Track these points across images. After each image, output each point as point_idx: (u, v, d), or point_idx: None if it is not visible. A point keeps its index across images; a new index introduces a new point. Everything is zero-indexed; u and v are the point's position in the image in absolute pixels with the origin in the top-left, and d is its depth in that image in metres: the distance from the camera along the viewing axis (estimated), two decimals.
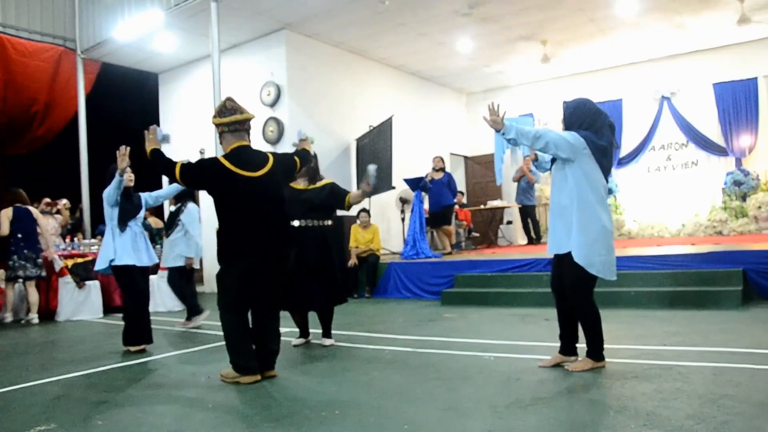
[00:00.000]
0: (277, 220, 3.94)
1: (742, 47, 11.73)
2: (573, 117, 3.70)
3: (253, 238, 3.83)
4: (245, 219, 3.83)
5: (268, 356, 3.94)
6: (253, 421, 2.99)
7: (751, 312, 5.50)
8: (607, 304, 6.28)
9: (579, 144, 3.54)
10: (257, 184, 3.84)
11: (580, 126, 3.64)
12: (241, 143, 3.96)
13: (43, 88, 10.57)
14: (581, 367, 3.62)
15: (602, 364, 3.64)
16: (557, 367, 3.75)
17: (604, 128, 3.63)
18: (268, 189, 3.90)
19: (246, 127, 4.02)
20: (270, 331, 3.98)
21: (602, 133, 3.63)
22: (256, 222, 3.83)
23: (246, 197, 3.83)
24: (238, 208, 3.84)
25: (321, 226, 4.93)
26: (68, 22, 10.89)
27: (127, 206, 5.19)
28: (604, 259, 3.54)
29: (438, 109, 13.67)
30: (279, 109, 10.04)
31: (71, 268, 8.03)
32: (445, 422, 2.83)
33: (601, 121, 3.64)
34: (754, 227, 11.11)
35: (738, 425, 2.53)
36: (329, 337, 5.08)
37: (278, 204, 3.96)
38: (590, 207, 3.54)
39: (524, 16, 9.89)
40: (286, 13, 9.38)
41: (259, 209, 3.84)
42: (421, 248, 9.23)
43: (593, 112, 3.67)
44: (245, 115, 3.99)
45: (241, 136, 3.98)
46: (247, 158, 3.91)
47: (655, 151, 12.79)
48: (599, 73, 13.19)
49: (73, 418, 3.18)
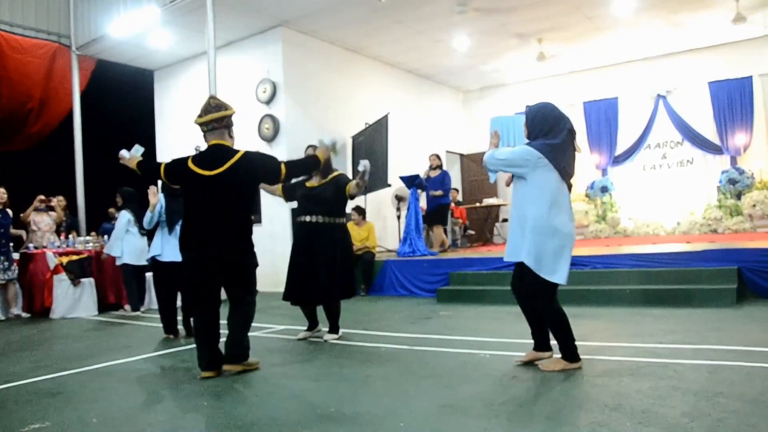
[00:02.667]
0: (228, 217, 3.92)
1: (738, 46, 11.77)
2: (534, 122, 3.71)
3: (200, 234, 3.93)
4: (195, 215, 3.97)
5: (227, 350, 3.96)
6: (247, 419, 2.98)
7: (746, 310, 5.52)
8: (602, 302, 6.33)
9: (533, 157, 3.56)
10: (210, 182, 3.91)
11: (541, 131, 3.65)
12: (215, 141, 4.02)
13: (37, 85, 10.51)
14: (552, 367, 3.59)
15: (578, 365, 3.59)
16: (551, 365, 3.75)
17: (562, 133, 3.63)
18: (222, 187, 3.91)
19: (224, 125, 4.03)
20: (229, 326, 4.00)
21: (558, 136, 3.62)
22: (204, 218, 3.92)
23: (198, 194, 3.96)
24: (191, 204, 4.01)
25: (331, 223, 4.97)
26: (63, 18, 10.83)
27: (174, 207, 5.43)
28: (560, 265, 3.55)
29: (434, 106, 13.67)
30: (275, 106, 10.02)
31: (66, 266, 7.98)
32: (440, 420, 2.83)
33: (560, 126, 3.65)
34: (748, 225, 11.15)
35: (733, 423, 2.53)
36: (335, 332, 5.11)
37: (230, 202, 3.93)
38: (545, 215, 3.53)
39: (521, 14, 9.89)
40: (282, 10, 9.36)
41: (209, 206, 3.92)
42: (416, 246, 9.24)
43: (554, 117, 3.68)
44: (221, 113, 4.00)
45: (220, 134, 4.02)
46: (211, 157, 3.97)
47: (650, 149, 12.83)
48: (595, 72, 13.23)
49: (67, 416, 3.17)
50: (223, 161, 3.92)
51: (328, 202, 4.96)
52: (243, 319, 4.02)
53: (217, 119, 3.99)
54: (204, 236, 3.92)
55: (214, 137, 4.02)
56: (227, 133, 4.06)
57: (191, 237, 3.97)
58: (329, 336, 5.10)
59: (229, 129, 4.07)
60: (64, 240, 8.77)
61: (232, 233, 3.94)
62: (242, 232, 3.99)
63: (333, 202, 4.99)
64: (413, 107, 12.81)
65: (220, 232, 3.90)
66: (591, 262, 7.17)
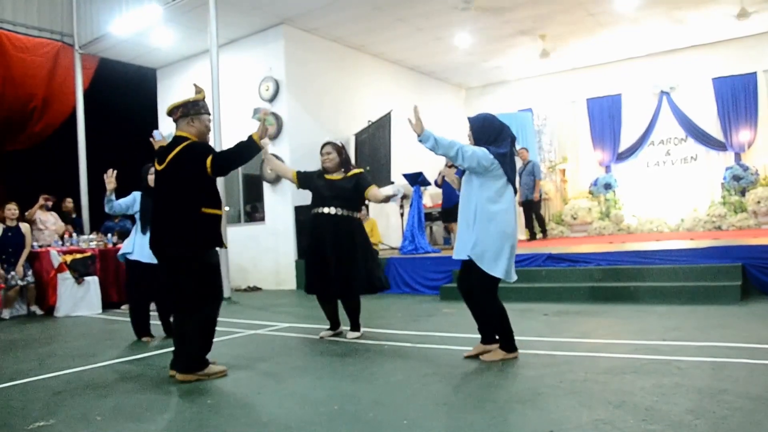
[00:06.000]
0: (164, 214, 3.78)
1: (742, 42, 11.72)
2: (480, 132, 3.96)
3: (151, 233, 3.89)
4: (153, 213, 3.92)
5: (174, 357, 3.85)
6: (251, 416, 2.99)
7: (750, 307, 5.50)
8: (605, 300, 6.33)
9: (488, 161, 3.79)
10: (159, 176, 3.87)
11: (487, 140, 3.91)
12: (176, 133, 3.88)
13: (41, 84, 10.53)
14: (492, 357, 3.89)
15: (514, 355, 3.91)
16: (550, 362, 3.76)
17: (505, 141, 3.93)
18: (163, 181, 3.82)
19: (181, 114, 3.83)
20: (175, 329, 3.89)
21: (504, 144, 3.91)
22: (153, 216, 3.89)
23: (154, 190, 3.96)
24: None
25: (350, 216, 4.92)
26: (66, 17, 10.84)
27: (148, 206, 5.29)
28: (505, 263, 3.83)
29: (436, 104, 13.65)
30: (277, 104, 10.02)
31: (70, 264, 8.01)
32: (443, 417, 2.83)
33: (503, 135, 3.94)
34: (753, 222, 11.12)
35: (737, 420, 2.53)
36: (356, 330, 5.07)
37: (167, 197, 3.78)
38: (492, 216, 3.81)
39: (523, 10, 9.87)
40: (284, 8, 9.36)
41: (155, 202, 3.89)
42: (419, 243, 9.23)
43: (497, 126, 3.98)
44: (175, 103, 3.88)
45: (181, 124, 3.88)
46: (165, 150, 3.84)
47: (654, 146, 12.79)
48: (598, 68, 13.19)
49: (72, 414, 3.18)
50: (168, 154, 3.78)
51: (348, 196, 4.91)
52: (195, 326, 3.76)
53: (173, 109, 3.87)
54: (152, 234, 3.86)
55: (178, 128, 3.89)
56: (186, 122, 3.86)
57: (150, 236, 3.90)
58: (351, 334, 5.04)
59: (188, 118, 3.85)
60: (68, 238, 8.81)
61: (171, 231, 3.74)
62: (184, 229, 3.71)
63: (352, 196, 4.95)
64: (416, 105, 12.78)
65: (161, 230, 3.79)
66: (594, 259, 7.16)
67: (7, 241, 7.94)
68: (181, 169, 3.74)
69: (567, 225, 13.22)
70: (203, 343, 3.82)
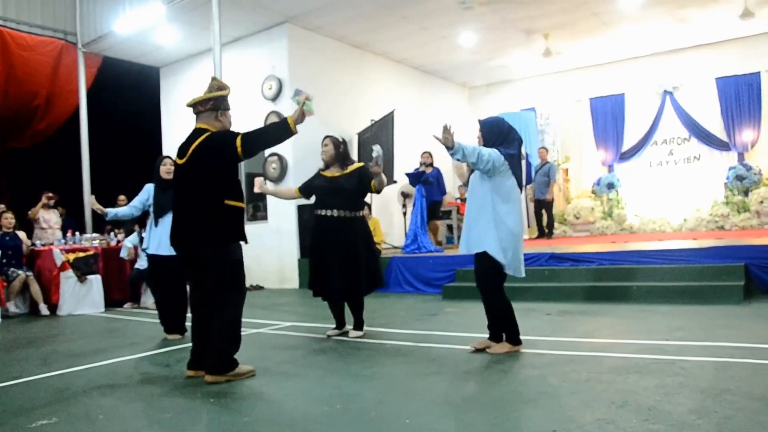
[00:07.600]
0: (191, 208, 3.70)
1: (745, 41, 11.68)
2: (490, 134, 4.19)
3: (173, 228, 3.84)
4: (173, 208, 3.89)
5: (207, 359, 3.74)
6: (253, 415, 2.99)
7: (753, 307, 5.49)
8: (608, 299, 6.32)
9: (500, 162, 4.03)
10: (180, 170, 3.83)
11: (495, 142, 4.13)
12: (197, 125, 3.85)
13: (44, 82, 10.56)
14: (499, 350, 4.10)
15: (518, 348, 4.12)
16: (553, 361, 3.76)
17: (514, 143, 4.17)
18: (185, 175, 3.77)
19: (210, 107, 3.81)
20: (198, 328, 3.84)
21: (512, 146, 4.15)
22: (174, 211, 3.86)
23: (174, 185, 3.91)
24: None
25: (352, 217, 4.91)
26: (69, 15, 10.86)
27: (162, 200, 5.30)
28: (511, 258, 4.06)
29: (440, 103, 13.63)
30: (281, 103, 10.01)
31: (73, 263, 8.02)
32: (446, 416, 2.83)
33: (511, 137, 4.18)
34: (756, 222, 11.09)
35: (740, 420, 2.52)
36: (358, 329, 5.08)
37: (189, 191, 3.72)
38: (500, 214, 4.05)
39: (527, 9, 9.85)
40: (288, 6, 9.36)
41: (177, 197, 3.84)
42: (422, 242, 9.23)
43: (506, 129, 4.21)
44: (204, 96, 3.84)
45: (205, 117, 3.84)
46: (185, 144, 3.79)
47: (657, 145, 12.76)
48: (602, 68, 13.16)
49: (74, 413, 3.18)
50: (189, 147, 3.73)
51: (350, 194, 4.89)
52: (223, 325, 3.68)
53: (202, 101, 3.81)
54: (173, 230, 3.82)
55: (200, 121, 3.85)
56: (214, 116, 3.83)
57: (171, 232, 3.85)
58: (354, 333, 5.05)
59: (216, 111, 3.82)
60: (71, 237, 8.82)
61: (194, 226, 3.68)
62: (208, 224, 3.65)
63: (354, 194, 4.93)
64: (419, 104, 12.78)
65: (183, 225, 3.74)
66: (597, 258, 7.15)
67: (5, 244, 8.00)
68: (206, 159, 3.68)
69: (570, 224, 13.20)
70: (233, 342, 3.74)
